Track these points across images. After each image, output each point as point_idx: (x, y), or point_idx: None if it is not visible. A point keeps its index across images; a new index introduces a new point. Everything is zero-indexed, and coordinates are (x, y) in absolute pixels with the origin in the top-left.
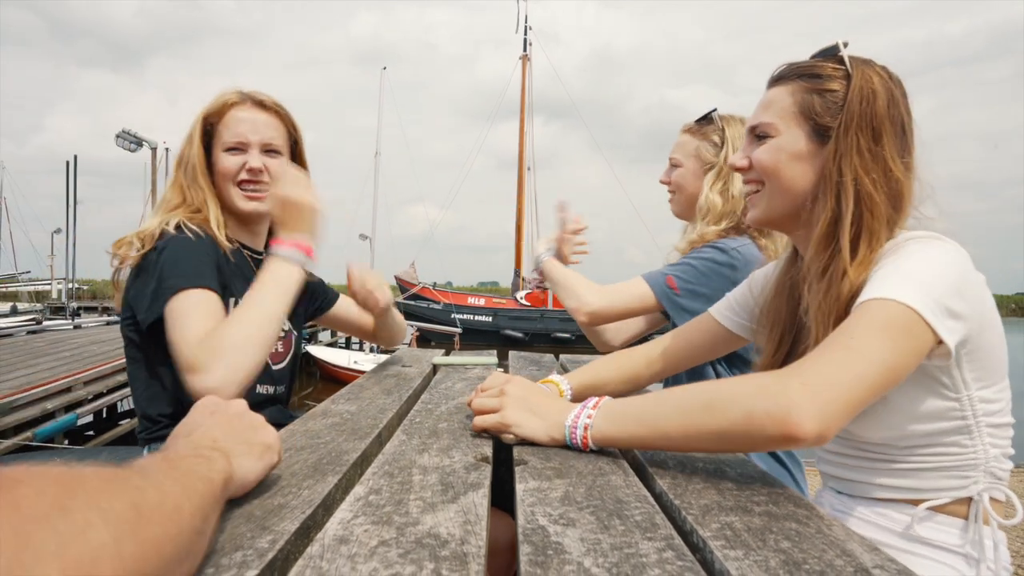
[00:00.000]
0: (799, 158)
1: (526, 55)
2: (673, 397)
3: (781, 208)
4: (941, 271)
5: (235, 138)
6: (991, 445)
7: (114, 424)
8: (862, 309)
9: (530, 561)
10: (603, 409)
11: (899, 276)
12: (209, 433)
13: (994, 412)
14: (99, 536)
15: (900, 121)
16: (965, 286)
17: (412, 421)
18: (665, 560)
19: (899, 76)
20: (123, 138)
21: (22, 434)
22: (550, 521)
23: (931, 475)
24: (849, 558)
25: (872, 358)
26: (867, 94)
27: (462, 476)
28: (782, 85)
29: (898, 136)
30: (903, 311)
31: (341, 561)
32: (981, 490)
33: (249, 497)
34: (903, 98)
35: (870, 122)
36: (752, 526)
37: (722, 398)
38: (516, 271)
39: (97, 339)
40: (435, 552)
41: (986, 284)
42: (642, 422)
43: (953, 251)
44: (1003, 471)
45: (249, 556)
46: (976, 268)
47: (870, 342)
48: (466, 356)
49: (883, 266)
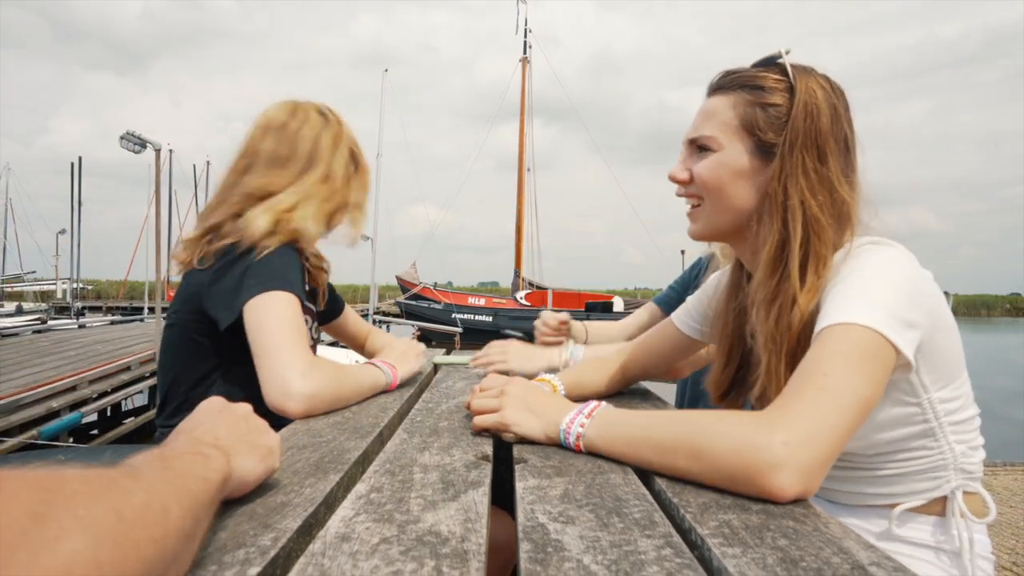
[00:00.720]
0: (742, 175)
1: (526, 58)
2: (662, 430)
3: (723, 224)
4: (894, 283)
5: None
6: (956, 442)
7: (119, 422)
8: (827, 338)
9: (530, 558)
10: (597, 419)
11: (856, 296)
12: (212, 430)
13: (954, 410)
14: (73, 544)
15: (844, 137)
16: (917, 294)
17: (413, 420)
18: (664, 557)
19: (840, 85)
20: (127, 140)
21: (27, 432)
22: (550, 519)
23: (903, 480)
24: (846, 555)
25: (849, 400)
26: (811, 110)
27: (463, 474)
28: (723, 95)
29: (842, 153)
30: (868, 335)
31: (343, 558)
32: (954, 488)
33: (251, 495)
34: (845, 111)
35: (815, 140)
36: (750, 524)
37: (708, 447)
38: (516, 271)
39: (102, 338)
40: (436, 549)
41: (932, 280)
42: (631, 444)
43: (900, 257)
44: (973, 464)
45: (252, 553)
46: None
47: (845, 379)
48: (466, 356)
49: (835, 284)
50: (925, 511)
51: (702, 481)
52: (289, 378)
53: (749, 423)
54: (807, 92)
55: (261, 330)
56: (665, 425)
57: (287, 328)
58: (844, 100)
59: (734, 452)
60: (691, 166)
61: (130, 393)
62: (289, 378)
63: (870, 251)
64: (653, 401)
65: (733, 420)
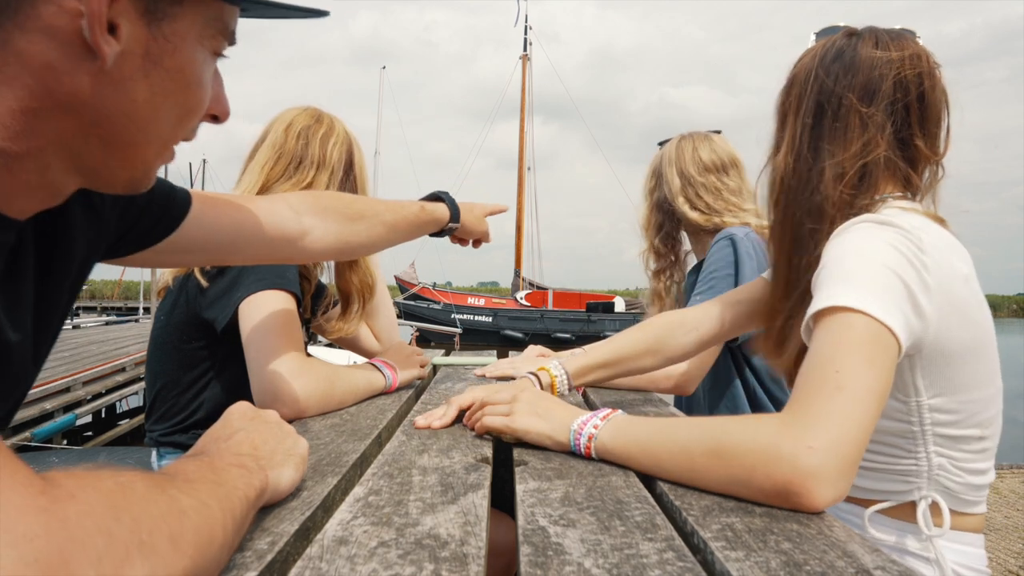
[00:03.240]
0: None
1: (526, 55)
2: (681, 435)
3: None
4: (890, 265)
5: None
6: (936, 454)
7: (113, 424)
8: (827, 327)
9: (530, 562)
10: (612, 423)
11: (851, 275)
12: (249, 439)
13: (948, 423)
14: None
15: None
16: (917, 283)
17: (412, 422)
18: (666, 561)
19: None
20: None
21: (20, 434)
22: (550, 522)
23: (872, 475)
24: (850, 559)
25: (866, 396)
26: (792, 78)
27: (462, 477)
28: None
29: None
30: (868, 324)
31: (340, 562)
32: (921, 497)
33: None
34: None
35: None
36: (753, 527)
37: (730, 449)
38: (516, 271)
39: (96, 339)
40: (435, 553)
41: (968, 279)
42: (646, 451)
43: (903, 241)
44: (957, 483)
45: (248, 558)
46: (976, 269)
47: (858, 374)
48: (466, 356)
49: (826, 263)
50: (897, 515)
51: (717, 486)
52: (280, 379)
53: (775, 426)
54: (797, 66)
55: (255, 329)
56: (685, 427)
57: (280, 327)
58: (837, 64)
59: (755, 459)
60: None
61: (125, 395)
62: (280, 379)
63: (866, 228)
64: (671, 410)
65: (759, 426)
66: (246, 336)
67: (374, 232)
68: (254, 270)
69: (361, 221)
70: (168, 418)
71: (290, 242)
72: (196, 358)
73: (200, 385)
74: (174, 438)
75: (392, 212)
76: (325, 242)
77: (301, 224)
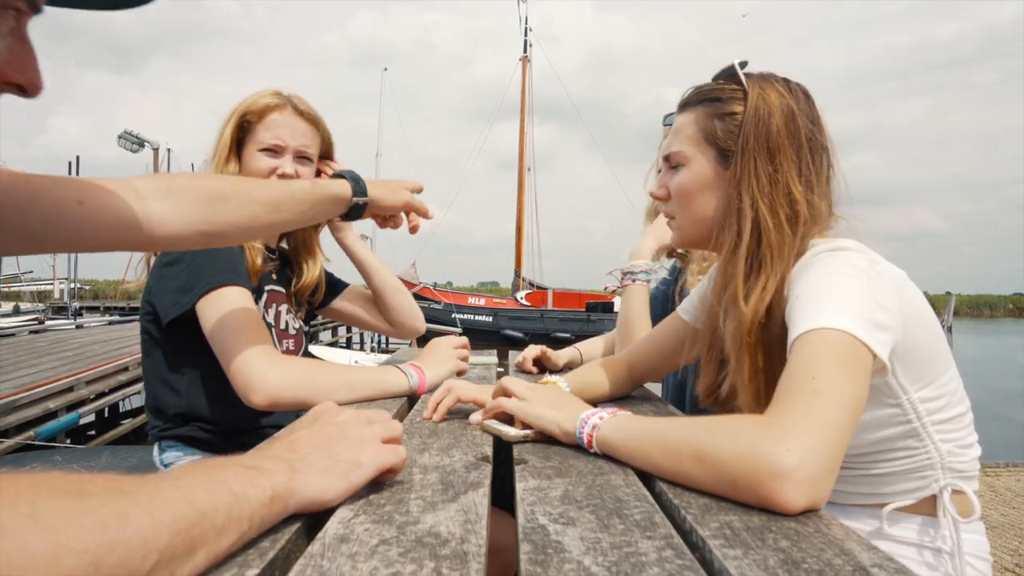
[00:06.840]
0: (708, 186)
1: (526, 56)
2: (671, 437)
3: (696, 234)
4: (857, 287)
5: (273, 140)
6: (942, 441)
7: (116, 423)
8: (804, 344)
9: (530, 560)
10: (616, 418)
11: (822, 303)
12: (297, 441)
13: (938, 409)
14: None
15: (801, 136)
16: (882, 294)
17: (412, 420)
18: (665, 559)
19: (804, 87)
20: (125, 139)
21: (24, 433)
22: (550, 520)
23: (890, 480)
24: (848, 557)
25: (842, 401)
26: (762, 114)
27: (462, 475)
28: (689, 111)
29: (798, 153)
30: (843, 338)
31: (342, 560)
32: (942, 486)
33: None
34: (809, 110)
35: (765, 142)
36: (751, 525)
37: (712, 453)
38: (516, 271)
39: (99, 339)
40: (435, 551)
41: (903, 279)
42: (642, 449)
43: (858, 260)
44: (963, 462)
45: (250, 555)
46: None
47: (834, 380)
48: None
49: (799, 294)
50: (915, 511)
51: (706, 488)
52: (250, 371)
53: (756, 428)
54: (759, 97)
55: (218, 327)
56: (676, 428)
57: (242, 323)
58: (806, 102)
59: (737, 458)
60: (667, 183)
61: (128, 394)
62: (250, 371)
63: (825, 259)
64: (670, 410)
65: (742, 427)
66: (210, 335)
67: (245, 212)
68: (203, 267)
69: (225, 201)
70: (166, 412)
71: (133, 228)
72: (180, 350)
73: (189, 377)
74: (175, 431)
75: (270, 190)
76: (177, 225)
77: (145, 207)
